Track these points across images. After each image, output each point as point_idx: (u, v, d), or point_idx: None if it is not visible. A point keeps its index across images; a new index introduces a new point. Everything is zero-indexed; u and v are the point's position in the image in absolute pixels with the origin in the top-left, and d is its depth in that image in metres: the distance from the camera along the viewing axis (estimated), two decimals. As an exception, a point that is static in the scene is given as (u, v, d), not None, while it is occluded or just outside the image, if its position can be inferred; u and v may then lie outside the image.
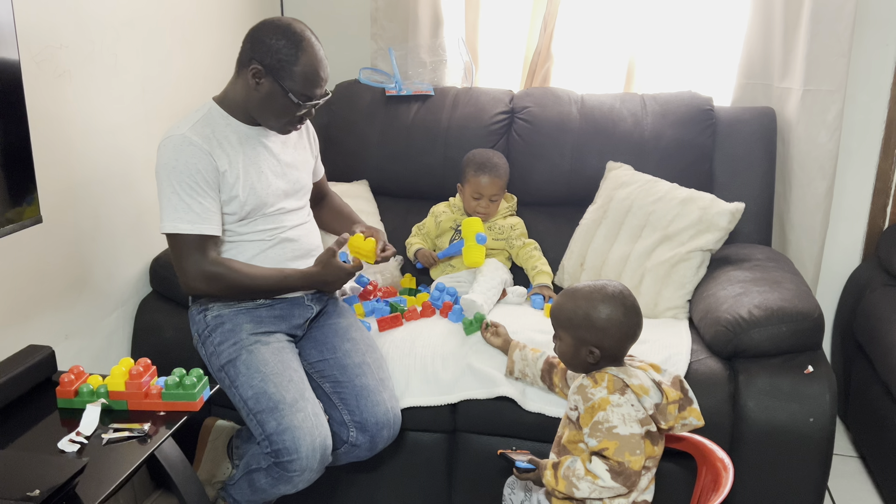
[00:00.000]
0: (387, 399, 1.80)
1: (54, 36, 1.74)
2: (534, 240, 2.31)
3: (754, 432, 1.75)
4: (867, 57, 2.44)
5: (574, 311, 1.54)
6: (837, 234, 2.58)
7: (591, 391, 1.50)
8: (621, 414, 1.46)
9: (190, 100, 2.21)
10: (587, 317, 1.52)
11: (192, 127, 1.71)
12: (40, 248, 1.74)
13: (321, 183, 2.10)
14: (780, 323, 1.77)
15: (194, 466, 1.93)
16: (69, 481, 1.20)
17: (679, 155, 2.33)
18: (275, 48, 1.66)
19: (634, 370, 1.53)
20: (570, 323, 1.54)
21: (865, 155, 2.53)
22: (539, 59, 2.65)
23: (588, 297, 1.53)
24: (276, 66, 1.67)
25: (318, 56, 1.70)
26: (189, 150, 1.67)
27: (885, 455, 2.09)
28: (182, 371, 1.52)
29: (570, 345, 1.55)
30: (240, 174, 1.74)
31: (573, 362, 1.57)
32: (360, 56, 2.74)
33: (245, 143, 1.78)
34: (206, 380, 1.54)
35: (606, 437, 1.45)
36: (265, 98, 1.71)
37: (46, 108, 1.73)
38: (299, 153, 1.91)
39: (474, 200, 2.26)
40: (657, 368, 1.57)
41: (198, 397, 1.50)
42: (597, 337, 1.51)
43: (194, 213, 1.67)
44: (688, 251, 2.06)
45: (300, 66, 1.67)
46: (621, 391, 1.48)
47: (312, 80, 1.69)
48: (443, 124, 2.47)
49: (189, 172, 1.66)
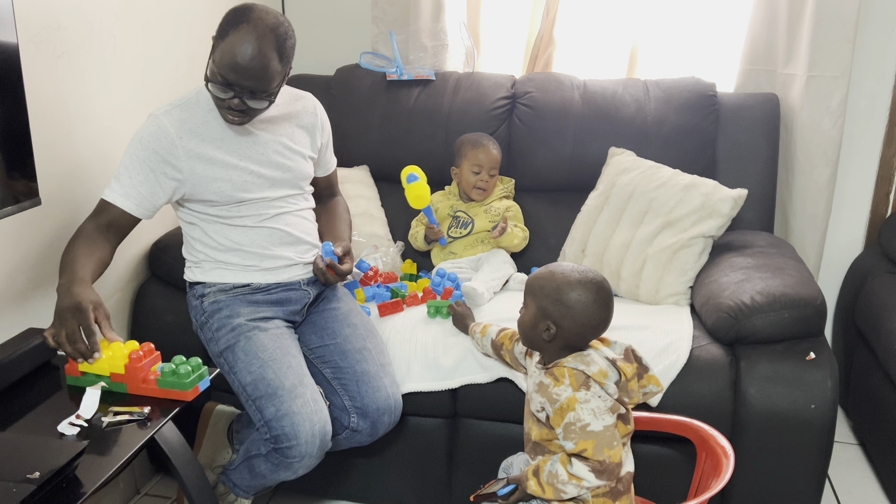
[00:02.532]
0: (388, 384, 1.79)
1: (52, 16, 1.72)
2: (527, 228, 2.30)
3: (755, 419, 1.74)
4: (872, 43, 2.42)
5: (548, 281, 1.50)
6: (840, 221, 2.57)
7: (554, 391, 1.46)
8: (591, 409, 1.43)
9: (190, 82, 2.20)
10: (557, 290, 1.48)
11: (170, 111, 1.74)
12: (39, 230, 1.73)
13: (329, 181, 2.08)
14: (782, 309, 1.76)
15: (194, 451, 1.93)
16: (69, 464, 1.19)
17: (682, 141, 2.32)
18: (223, 20, 1.65)
19: (587, 354, 1.49)
20: (540, 292, 1.50)
21: (869, 142, 2.52)
22: (541, 44, 2.63)
23: (566, 274, 1.50)
24: (216, 37, 1.64)
25: (247, 41, 1.59)
26: (150, 131, 1.71)
27: (885, 443, 2.09)
28: (182, 359, 1.50)
29: (532, 314, 1.51)
30: (207, 161, 1.73)
31: (529, 333, 1.53)
32: (361, 40, 2.71)
33: (227, 130, 1.76)
34: (204, 370, 1.51)
35: (581, 437, 1.41)
36: (207, 73, 1.67)
37: (45, 90, 1.71)
38: (295, 143, 1.88)
39: (474, 175, 2.26)
40: (606, 342, 1.54)
41: (191, 387, 1.47)
42: (559, 313, 1.47)
43: (120, 183, 1.71)
44: (690, 237, 2.05)
45: (225, 43, 1.61)
46: (585, 385, 1.44)
47: (227, 61, 1.60)
48: (444, 109, 2.45)
49: (142, 149, 1.70)
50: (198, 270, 1.85)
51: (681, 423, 1.65)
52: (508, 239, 2.23)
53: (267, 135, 1.82)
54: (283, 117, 1.87)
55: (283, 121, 1.86)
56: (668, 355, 1.78)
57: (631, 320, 1.91)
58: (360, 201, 2.38)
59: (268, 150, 1.81)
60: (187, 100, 1.77)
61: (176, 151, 1.72)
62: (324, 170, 2.03)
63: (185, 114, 1.74)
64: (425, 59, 2.58)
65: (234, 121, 1.71)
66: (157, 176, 1.72)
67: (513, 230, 2.23)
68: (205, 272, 1.84)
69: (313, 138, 1.93)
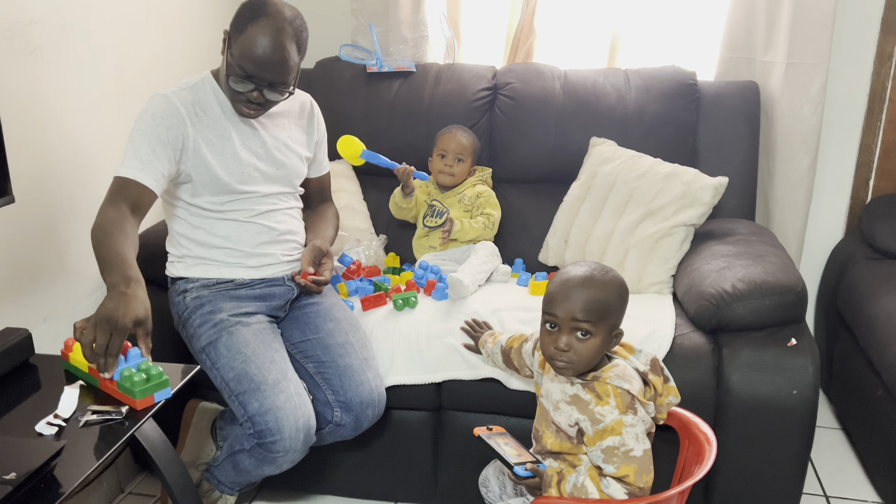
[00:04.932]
0: (371, 378, 1.79)
1: (24, 11, 1.69)
2: (497, 210, 2.27)
3: (738, 405, 1.75)
4: (850, 30, 2.43)
5: (609, 296, 1.40)
6: (820, 207, 2.58)
7: (598, 410, 1.39)
8: (635, 434, 1.38)
9: (168, 77, 2.17)
10: (621, 298, 1.42)
11: (177, 91, 1.74)
12: (14, 228, 1.71)
13: (321, 185, 2.07)
14: (763, 296, 1.77)
15: (178, 448, 1.92)
16: (46, 464, 1.18)
17: (663, 130, 2.32)
18: (238, 14, 1.67)
19: (625, 367, 1.43)
20: (607, 312, 1.40)
21: (848, 129, 2.53)
22: (522, 35, 2.62)
23: (613, 276, 1.43)
24: (232, 31, 1.67)
25: (266, 34, 1.62)
26: (163, 106, 1.70)
27: (867, 426, 2.11)
28: (147, 363, 1.40)
29: (602, 338, 1.40)
30: (211, 146, 1.74)
31: (594, 360, 1.42)
32: (341, 33, 2.69)
33: (230, 118, 1.77)
34: (164, 380, 1.39)
35: (624, 461, 1.36)
36: (224, 67, 1.71)
37: (17, 86, 1.69)
38: (293, 140, 1.88)
39: (440, 160, 2.26)
40: (631, 349, 1.50)
41: (140, 397, 1.36)
42: (621, 316, 1.43)
43: (137, 159, 1.64)
44: (671, 226, 2.05)
45: (244, 36, 1.64)
46: (632, 408, 1.39)
47: (248, 53, 1.63)
48: (425, 101, 2.44)
49: (154, 123, 1.67)
50: (180, 266, 1.84)
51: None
52: (463, 234, 2.19)
53: (267, 130, 1.83)
54: (282, 114, 1.88)
55: (282, 118, 1.87)
56: (650, 344, 1.78)
57: (614, 310, 1.91)
58: (342, 195, 2.37)
59: (267, 144, 1.82)
60: (194, 84, 1.78)
61: (186, 131, 1.71)
62: (317, 170, 2.02)
63: (194, 96, 1.75)
64: (406, 51, 2.57)
65: (249, 114, 1.74)
66: (167, 151, 1.68)
67: (464, 226, 2.18)
68: (187, 267, 1.83)
69: (309, 136, 1.94)
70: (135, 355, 1.42)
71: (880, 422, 1.97)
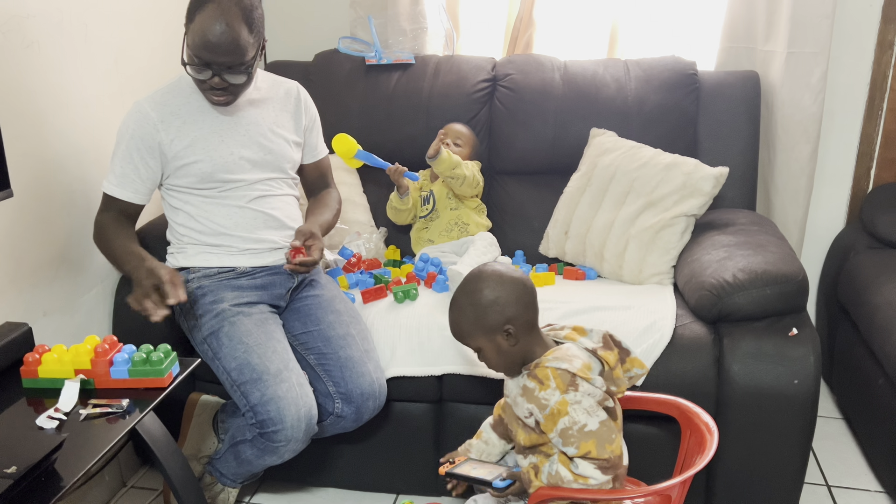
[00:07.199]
0: (372, 370, 1.79)
1: (20, 5, 1.69)
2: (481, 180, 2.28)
3: (739, 395, 1.75)
4: (851, 18, 2.41)
5: (458, 317, 1.47)
6: (821, 197, 2.57)
7: (542, 396, 1.40)
8: (584, 409, 1.38)
9: (166, 71, 2.15)
10: (474, 306, 1.44)
11: (152, 96, 1.79)
12: (13, 222, 1.71)
13: (320, 170, 2.06)
14: (764, 286, 1.77)
15: (180, 442, 1.92)
16: (47, 457, 1.18)
17: (663, 120, 2.31)
18: (188, 5, 1.68)
19: (566, 349, 1.44)
20: (463, 331, 1.47)
21: (849, 118, 2.52)
22: (521, 26, 2.61)
23: (463, 295, 1.46)
24: (186, 23, 1.68)
25: (214, 19, 1.62)
26: (135, 118, 1.77)
27: (868, 416, 2.11)
28: (149, 347, 1.47)
29: (492, 345, 1.45)
30: (195, 142, 1.76)
31: (506, 361, 1.47)
32: (339, 25, 2.68)
33: (208, 112, 1.79)
34: (174, 355, 1.48)
35: (581, 439, 1.37)
36: (185, 59, 1.71)
37: (15, 80, 1.68)
38: (278, 125, 1.88)
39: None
40: (582, 331, 1.50)
41: (165, 373, 1.44)
42: (499, 315, 1.43)
43: (115, 174, 1.79)
44: (672, 216, 2.05)
45: (194, 25, 1.65)
46: (573, 385, 1.39)
47: (200, 41, 1.64)
48: (424, 93, 2.43)
49: (128, 137, 1.76)
50: (181, 256, 1.85)
51: (665, 402, 1.65)
52: (446, 164, 2.14)
53: (249, 117, 1.84)
54: (265, 101, 1.88)
55: (265, 104, 1.88)
56: (651, 334, 1.78)
57: (614, 301, 1.91)
58: (341, 188, 2.36)
59: (250, 131, 1.83)
60: (170, 84, 1.82)
61: (158, 135, 1.76)
62: (311, 155, 2.02)
63: (167, 97, 1.79)
64: (404, 43, 2.56)
65: (219, 101, 1.74)
66: (146, 160, 1.77)
67: (450, 156, 2.15)
68: (188, 257, 1.83)
69: (297, 120, 1.94)
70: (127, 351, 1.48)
71: (881, 411, 1.97)
